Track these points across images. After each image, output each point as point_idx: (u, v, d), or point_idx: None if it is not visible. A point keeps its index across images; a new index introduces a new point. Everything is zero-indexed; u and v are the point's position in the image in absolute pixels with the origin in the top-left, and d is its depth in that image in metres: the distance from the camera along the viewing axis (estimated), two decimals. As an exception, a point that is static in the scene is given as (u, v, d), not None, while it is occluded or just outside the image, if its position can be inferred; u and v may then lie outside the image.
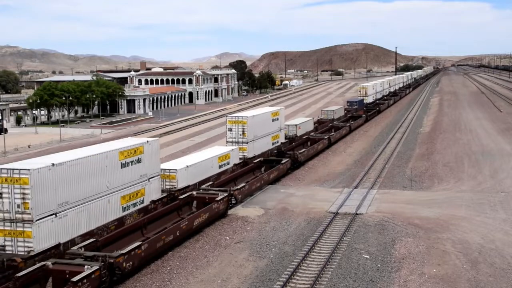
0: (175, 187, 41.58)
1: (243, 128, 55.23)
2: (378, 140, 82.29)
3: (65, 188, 29.84)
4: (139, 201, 36.97)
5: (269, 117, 61.75)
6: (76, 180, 30.63)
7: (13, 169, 28.07)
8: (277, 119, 63.62)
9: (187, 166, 43.54)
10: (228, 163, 50.61)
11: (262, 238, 36.67)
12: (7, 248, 28.32)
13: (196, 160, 45.98)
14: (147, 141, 38.31)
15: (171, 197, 40.18)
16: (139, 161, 36.60)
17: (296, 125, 72.71)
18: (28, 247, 28.08)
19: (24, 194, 27.74)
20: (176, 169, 42.14)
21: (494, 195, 47.10)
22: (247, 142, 55.34)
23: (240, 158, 53.94)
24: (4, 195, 28.01)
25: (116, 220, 34.15)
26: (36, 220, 28.03)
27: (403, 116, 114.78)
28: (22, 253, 27.95)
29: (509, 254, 32.68)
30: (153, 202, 38.40)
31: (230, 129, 55.52)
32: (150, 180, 38.25)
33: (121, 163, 34.78)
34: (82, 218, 31.25)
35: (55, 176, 29.16)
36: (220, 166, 49.09)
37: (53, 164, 29.17)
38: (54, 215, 29.11)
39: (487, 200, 45.42)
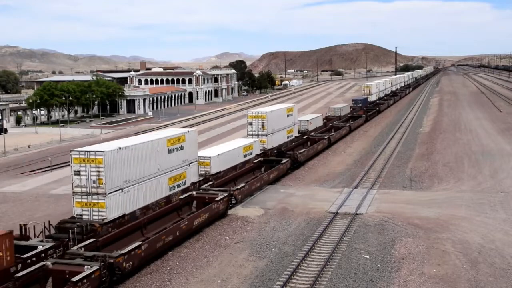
0: (209, 172, 46.45)
1: (263, 122, 60.02)
2: (378, 140, 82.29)
3: (128, 168, 35.17)
4: (182, 182, 42.15)
5: (285, 113, 66.43)
6: (136, 161, 36.01)
7: (89, 151, 33.51)
8: (291, 114, 68.45)
9: (218, 154, 48.25)
10: (251, 153, 55.21)
11: (262, 238, 36.67)
12: (84, 216, 33.63)
13: (225, 150, 50.78)
14: (188, 131, 43.55)
15: (205, 180, 45.14)
16: (182, 148, 41.82)
17: (307, 120, 77.46)
18: (102, 216, 33.36)
19: (98, 172, 33.06)
20: (210, 157, 47.04)
21: (494, 195, 47.10)
22: (266, 135, 60.02)
23: (261, 150, 58.31)
24: (81, 173, 33.28)
25: (164, 198, 39.34)
26: (108, 194, 33.39)
27: (403, 116, 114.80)
28: (97, 221, 33.01)
29: (509, 254, 32.68)
30: (193, 184, 43.40)
31: (251, 123, 60.30)
32: (190, 165, 43.37)
33: (169, 149, 40.03)
34: (140, 194, 36.56)
35: (121, 158, 34.51)
36: (244, 156, 53.64)
37: (120, 148, 34.57)
38: (120, 190, 34.49)
39: (487, 200, 45.42)
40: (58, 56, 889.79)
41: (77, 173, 33.52)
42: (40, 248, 29.06)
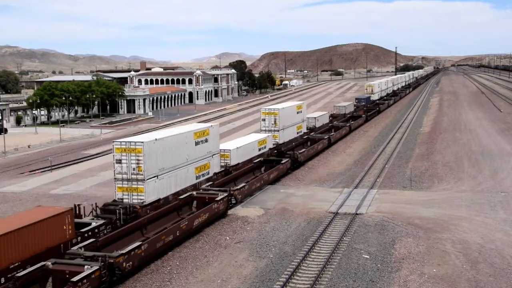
0: (229, 164, 50.47)
1: (275, 119, 64.42)
2: (378, 140, 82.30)
3: (162, 157, 39.11)
4: (206, 172, 46.40)
5: (295, 110, 70.98)
6: (169, 152, 39.97)
7: (130, 141, 37.76)
8: (301, 112, 73.22)
9: (237, 148, 52.39)
10: (265, 147, 59.23)
11: (262, 238, 36.67)
12: (124, 200, 37.57)
13: (243, 143, 54.79)
14: (211, 126, 47.85)
15: (226, 171, 49.32)
16: (206, 140, 46.00)
17: (315, 117, 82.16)
18: (141, 199, 37.34)
19: (138, 160, 37.01)
20: (230, 149, 51.13)
21: (494, 195, 47.10)
22: (278, 130, 64.40)
23: (273, 144, 62.12)
24: (123, 161, 37.20)
25: (192, 186, 43.51)
26: (146, 180, 37.34)
27: (403, 116, 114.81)
28: (137, 203, 36.91)
29: (509, 254, 32.68)
30: (215, 173, 47.47)
31: (264, 119, 64.68)
32: (213, 156, 47.68)
33: (195, 141, 44.23)
34: (172, 181, 40.65)
35: (157, 148, 38.45)
36: (259, 149, 57.61)
37: (156, 139, 38.59)
38: (156, 177, 38.46)
39: (487, 200, 45.43)
40: (58, 56, 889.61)
41: (119, 161, 37.40)
42: (93, 224, 33.31)
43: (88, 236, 31.73)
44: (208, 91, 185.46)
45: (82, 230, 32.01)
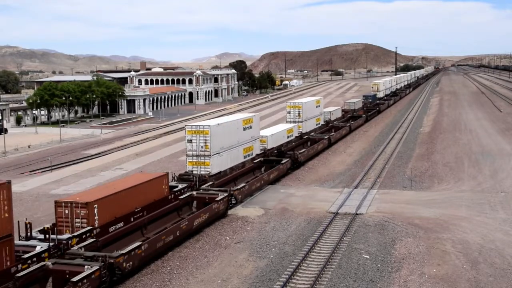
0: (265, 147, 59.14)
1: (299, 111, 72.96)
2: (378, 140, 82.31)
3: (222, 138, 47.64)
4: (251, 153, 54.75)
5: (314, 104, 79.78)
6: (226, 134, 48.54)
7: (199, 125, 46.86)
8: (319, 106, 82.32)
9: (272, 134, 61.72)
10: (292, 135, 68.26)
11: (262, 238, 36.67)
12: (194, 171, 45.93)
13: (276, 131, 64.39)
14: (254, 115, 56.66)
15: (264, 153, 58.01)
16: (251, 127, 54.19)
17: (330, 111, 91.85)
18: (207, 171, 45.93)
19: (205, 140, 45.84)
20: (267, 135, 60.33)
21: (494, 195, 47.11)
22: (301, 121, 73.05)
23: (298, 133, 71.26)
24: (193, 141, 46.02)
25: (241, 163, 52.22)
26: (212, 155, 45.97)
27: (403, 116, 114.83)
28: (205, 174, 45.55)
29: (509, 254, 32.69)
30: (257, 154, 56.43)
31: (289, 112, 73.43)
32: (255, 140, 55.77)
33: (243, 127, 52.66)
34: (228, 158, 49.24)
35: (218, 131, 47.08)
36: (288, 137, 66.66)
37: (218, 124, 47.85)
38: (218, 154, 46.93)
39: (487, 200, 45.43)
40: (58, 56, 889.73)
41: (190, 141, 46.32)
42: (179, 187, 41.85)
43: (179, 193, 41.04)
44: (208, 91, 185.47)
45: (174, 190, 40.71)
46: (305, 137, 73.53)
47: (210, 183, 44.48)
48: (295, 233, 37.74)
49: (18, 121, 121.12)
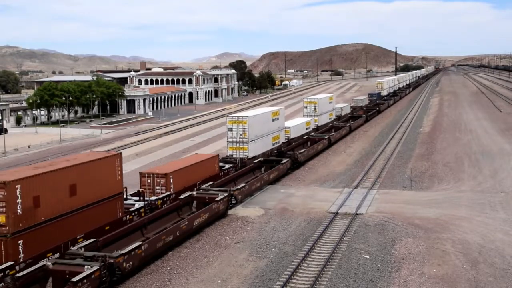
0: (289, 137, 68.42)
1: (315, 106, 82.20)
2: (378, 140, 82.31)
3: (256, 128, 55.96)
4: (277, 141, 63.05)
5: (328, 100, 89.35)
6: (259, 124, 56.95)
7: (238, 116, 55.84)
8: (332, 102, 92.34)
9: (294, 126, 71.19)
10: (309, 128, 77.16)
11: (262, 238, 36.67)
12: (234, 155, 54.29)
13: (297, 123, 73.86)
14: (280, 108, 66.00)
15: (288, 142, 67.27)
16: (278, 119, 62.70)
17: (340, 107, 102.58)
18: (245, 155, 54.40)
19: (244, 128, 54.08)
20: (290, 127, 69.52)
21: (494, 195, 47.10)
22: (317, 115, 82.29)
23: (315, 126, 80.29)
24: (233, 130, 54.38)
25: (269, 150, 59.89)
26: (249, 142, 54.26)
27: (403, 116, 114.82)
28: (243, 157, 54.04)
29: (509, 254, 32.68)
30: (283, 143, 64.40)
31: (306, 107, 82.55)
32: (281, 130, 64.61)
33: (272, 118, 61.09)
34: (260, 145, 57.59)
35: (254, 121, 55.48)
36: (306, 129, 75.88)
37: (254, 115, 56.48)
38: (253, 141, 55.26)
39: (487, 200, 45.42)
40: (58, 56, 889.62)
41: (230, 130, 54.56)
42: (226, 166, 51.03)
43: (227, 172, 49.52)
44: (208, 91, 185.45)
45: (222, 168, 49.83)
46: (305, 137, 73.58)
47: (251, 165, 53.21)
48: (295, 233, 37.74)
49: (18, 121, 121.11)
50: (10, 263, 25.83)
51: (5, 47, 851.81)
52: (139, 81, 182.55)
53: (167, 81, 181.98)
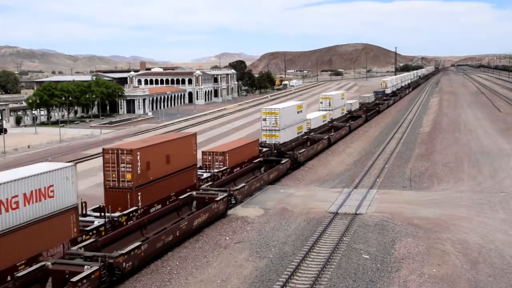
0: (310, 128, 77.05)
1: (329, 102, 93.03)
2: (377, 140, 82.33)
3: (286, 118, 64.68)
4: (301, 131, 71.64)
5: (340, 97, 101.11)
6: (288, 115, 65.79)
7: (271, 108, 65.12)
8: (343, 98, 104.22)
9: (314, 118, 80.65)
10: (325, 120, 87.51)
11: (262, 238, 36.68)
12: (267, 142, 62.94)
13: (316, 116, 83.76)
14: (303, 102, 74.70)
15: (309, 132, 76.23)
16: (301, 111, 71.52)
17: (351, 103, 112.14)
18: (277, 141, 62.78)
19: (276, 119, 62.85)
20: (310, 118, 78.37)
21: (494, 195, 47.12)
22: (331, 110, 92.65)
23: (329, 119, 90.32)
24: (266, 120, 62.92)
25: (294, 139, 68.48)
26: (280, 130, 63.05)
27: (403, 116, 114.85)
28: (275, 143, 62.45)
29: (509, 254, 32.70)
30: (305, 133, 73.94)
31: (321, 102, 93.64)
32: (304, 121, 72.85)
33: (297, 111, 69.95)
34: (288, 134, 66.07)
35: (284, 112, 64.27)
36: (323, 121, 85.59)
37: (284, 107, 65.46)
38: (283, 129, 63.92)
39: (487, 200, 45.44)
40: (58, 56, 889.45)
41: (264, 119, 63.33)
42: (264, 150, 59.97)
43: (262, 153, 58.41)
44: (208, 91, 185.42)
45: (262, 151, 58.74)
46: (305, 137, 73.59)
47: (282, 149, 60.70)
48: (295, 233, 37.75)
49: (18, 121, 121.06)
50: (134, 208, 35.35)
51: (5, 47, 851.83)
52: (139, 81, 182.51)
53: (167, 81, 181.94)
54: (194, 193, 41.95)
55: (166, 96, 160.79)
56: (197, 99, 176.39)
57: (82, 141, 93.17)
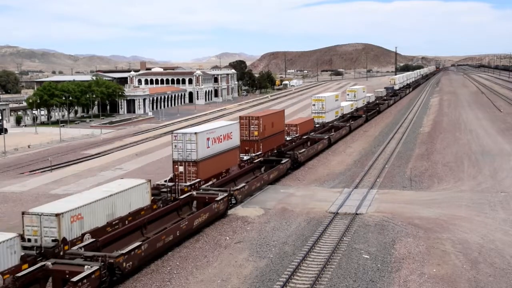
0: (343, 113, 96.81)
1: (355, 94, 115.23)
2: (378, 140, 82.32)
3: (329, 104, 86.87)
4: (337, 115, 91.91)
5: (362, 90, 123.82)
6: (330, 102, 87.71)
7: (319, 96, 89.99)
8: (364, 91, 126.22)
9: (345, 105, 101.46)
10: (352, 108, 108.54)
11: (262, 238, 36.68)
12: (315, 121, 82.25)
13: (347, 104, 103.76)
14: (338, 93, 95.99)
15: (341, 116, 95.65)
16: (337, 100, 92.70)
17: (369, 96, 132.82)
18: (323, 121, 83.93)
19: (322, 104, 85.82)
20: (343, 106, 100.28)
21: (494, 195, 47.12)
22: (356, 101, 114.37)
23: (355, 108, 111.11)
24: (315, 105, 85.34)
25: (335, 119, 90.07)
26: (326, 113, 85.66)
27: (403, 116, 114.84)
28: (322, 122, 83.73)
29: (509, 254, 32.69)
30: (340, 116, 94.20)
31: (348, 94, 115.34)
32: (339, 108, 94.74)
33: (335, 99, 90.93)
34: (330, 116, 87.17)
35: (328, 99, 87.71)
36: (351, 109, 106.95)
37: (328, 96, 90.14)
38: (327, 112, 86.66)
39: (487, 200, 45.44)
40: (58, 56, 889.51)
41: (313, 105, 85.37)
42: (317, 125, 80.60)
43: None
44: (208, 91, 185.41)
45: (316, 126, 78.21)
46: (305, 137, 73.62)
47: (326, 128, 72.44)
48: (295, 233, 37.75)
49: (18, 121, 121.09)
50: (259, 152, 56.93)
51: (5, 47, 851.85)
52: (139, 81, 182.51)
53: (167, 81, 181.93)
54: (194, 193, 41.97)
55: (166, 96, 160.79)
56: (198, 99, 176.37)
57: (82, 141, 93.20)
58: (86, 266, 26.67)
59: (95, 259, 27.50)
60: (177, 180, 43.17)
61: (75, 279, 25.35)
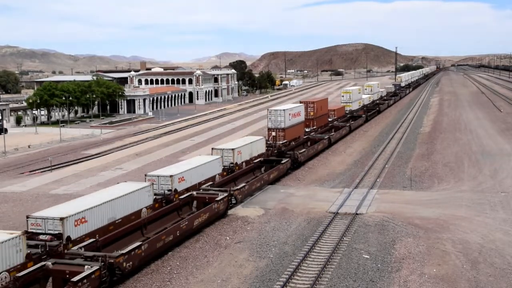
0: (364, 103, 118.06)
1: (371, 88, 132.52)
2: (378, 140, 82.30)
3: (354, 95, 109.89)
4: (360, 105, 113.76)
5: (377, 85, 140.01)
6: (355, 94, 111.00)
7: (347, 89, 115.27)
8: (379, 86, 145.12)
9: (365, 97, 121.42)
10: (370, 100, 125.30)
11: (262, 238, 36.67)
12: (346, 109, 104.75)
13: (366, 96, 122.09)
14: (360, 87, 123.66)
15: (363, 106, 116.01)
16: (360, 93, 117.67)
17: (382, 90, 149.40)
18: (350, 109, 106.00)
19: (350, 96, 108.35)
20: (364, 98, 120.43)
21: (494, 195, 47.11)
22: (372, 94, 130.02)
23: (372, 101, 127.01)
24: (344, 97, 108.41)
25: (359, 108, 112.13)
26: (352, 102, 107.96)
27: (403, 116, 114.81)
28: (351, 110, 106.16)
29: (509, 254, 32.69)
30: (363, 105, 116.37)
31: (365, 89, 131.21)
32: (361, 99, 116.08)
33: (358, 92, 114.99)
34: (355, 105, 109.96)
35: (354, 92, 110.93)
36: (369, 101, 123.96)
37: (352, 89, 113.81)
38: (353, 102, 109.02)
39: (487, 200, 45.43)
40: (58, 56, 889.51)
41: (342, 96, 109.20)
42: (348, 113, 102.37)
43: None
44: (208, 91, 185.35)
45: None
46: (305, 137, 73.64)
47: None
48: (295, 233, 37.74)
49: (18, 121, 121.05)
50: (314, 127, 78.90)
51: (5, 47, 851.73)
52: (139, 81, 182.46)
53: (167, 81, 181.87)
54: (194, 193, 41.97)
55: (166, 96, 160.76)
56: (198, 99, 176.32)
57: (83, 141, 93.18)
58: (86, 266, 26.68)
59: (95, 259, 27.50)
60: (274, 141, 64.24)
61: (75, 279, 25.35)
